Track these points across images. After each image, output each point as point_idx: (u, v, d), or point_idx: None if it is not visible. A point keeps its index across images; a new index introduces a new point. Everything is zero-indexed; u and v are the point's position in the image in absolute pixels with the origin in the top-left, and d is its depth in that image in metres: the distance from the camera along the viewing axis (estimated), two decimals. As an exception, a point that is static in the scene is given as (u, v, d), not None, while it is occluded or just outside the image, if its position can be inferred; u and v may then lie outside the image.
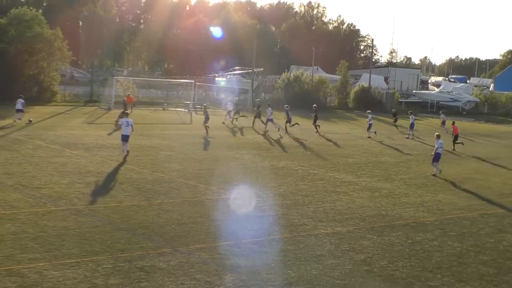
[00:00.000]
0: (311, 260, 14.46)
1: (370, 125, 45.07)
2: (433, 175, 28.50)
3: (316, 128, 45.03)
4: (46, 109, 47.71)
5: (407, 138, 45.28)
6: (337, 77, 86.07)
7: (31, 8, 60.47)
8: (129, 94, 53.98)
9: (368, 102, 78.04)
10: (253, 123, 46.31)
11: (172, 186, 21.87)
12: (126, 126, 27.54)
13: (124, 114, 30.95)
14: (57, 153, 27.69)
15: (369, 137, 43.79)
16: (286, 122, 43.35)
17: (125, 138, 27.38)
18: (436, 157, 28.78)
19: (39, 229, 15.33)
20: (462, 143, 40.31)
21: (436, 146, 28.86)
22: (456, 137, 40.52)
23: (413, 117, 47.36)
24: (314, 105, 47.97)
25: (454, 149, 39.26)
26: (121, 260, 13.38)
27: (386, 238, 16.86)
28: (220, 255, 14.27)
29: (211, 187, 22.24)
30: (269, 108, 44.23)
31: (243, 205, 19.68)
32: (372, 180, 26.12)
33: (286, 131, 42.39)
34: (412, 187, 25.06)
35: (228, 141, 36.83)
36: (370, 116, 45.68)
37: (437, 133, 30.47)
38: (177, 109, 58.73)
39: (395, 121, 51.09)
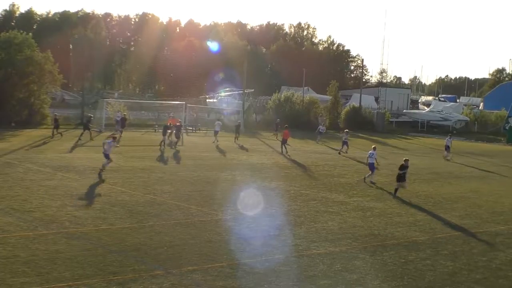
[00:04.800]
0: (304, 280, 14.42)
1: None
2: (372, 182, 30.90)
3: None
4: (37, 132, 47.54)
5: (448, 160, 45.68)
6: (327, 97, 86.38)
7: (21, 31, 60.49)
8: (172, 116, 53.16)
9: (359, 122, 78.48)
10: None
11: (164, 208, 21.81)
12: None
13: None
14: (48, 176, 27.58)
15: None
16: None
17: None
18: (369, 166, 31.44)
19: (30, 252, 15.23)
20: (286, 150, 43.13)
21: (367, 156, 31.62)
22: (285, 141, 43.86)
23: (450, 138, 47.99)
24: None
25: (282, 152, 43.19)
26: (113, 283, 13.30)
27: (378, 257, 16.85)
28: (212, 277, 14.21)
29: (203, 209, 22.19)
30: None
31: (235, 227, 19.64)
32: (364, 200, 26.13)
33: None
34: (404, 207, 25.08)
35: (220, 162, 36.79)
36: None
37: (374, 146, 32.99)
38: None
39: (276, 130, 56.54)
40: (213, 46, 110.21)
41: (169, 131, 44.03)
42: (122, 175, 29.08)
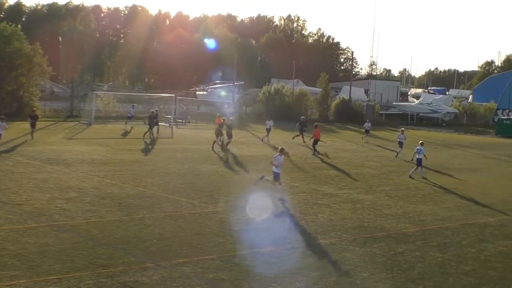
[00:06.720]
0: (295, 272, 14.44)
1: None
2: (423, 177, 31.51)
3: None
4: (26, 125, 47.15)
5: None
6: (317, 89, 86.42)
7: (10, 23, 60.13)
8: (218, 116, 46.15)
9: (349, 115, 78.61)
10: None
11: (153, 201, 21.78)
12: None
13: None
14: (37, 169, 27.47)
15: None
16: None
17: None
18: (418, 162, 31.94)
19: (20, 246, 15.18)
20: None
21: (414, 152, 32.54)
22: (316, 142, 40.25)
23: None
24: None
25: (314, 153, 39.43)
26: (103, 276, 13.28)
27: (368, 249, 16.90)
28: (202, 269, 14.21)
29: (193, 201, 22.17)
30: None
31: (225, 219, 19.64)
32: (354, 192, 26.19)
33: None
34: (393, 199, 25.16)
35: (210, 155, 36.73)
36: None
37: (421, 141, 32.97)
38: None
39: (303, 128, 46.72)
40: (210, 43, 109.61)
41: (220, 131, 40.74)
42: (112, 167, 29.02)
